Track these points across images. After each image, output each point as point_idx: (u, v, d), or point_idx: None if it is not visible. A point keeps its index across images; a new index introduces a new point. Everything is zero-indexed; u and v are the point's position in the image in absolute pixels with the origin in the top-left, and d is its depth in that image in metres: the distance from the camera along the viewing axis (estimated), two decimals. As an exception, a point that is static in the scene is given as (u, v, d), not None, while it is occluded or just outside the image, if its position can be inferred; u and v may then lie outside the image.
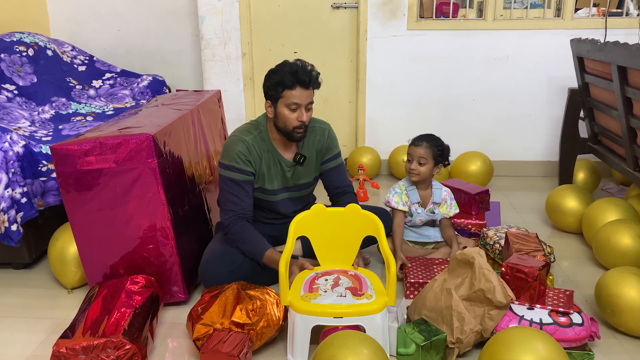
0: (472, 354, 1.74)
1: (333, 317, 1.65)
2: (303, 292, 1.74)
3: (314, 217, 1.90)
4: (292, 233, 1.83)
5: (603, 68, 2.58)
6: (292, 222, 1.86)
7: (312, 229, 1.91)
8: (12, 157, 2.17)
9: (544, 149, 3.65)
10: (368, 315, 1.65)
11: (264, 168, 2.12)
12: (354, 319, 1.65)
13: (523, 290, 1.73)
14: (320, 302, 1.68)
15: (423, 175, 2.28)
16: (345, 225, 1.90)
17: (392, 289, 1.68)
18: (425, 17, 3.51)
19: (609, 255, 2.20)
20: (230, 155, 2.06)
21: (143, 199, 1.90)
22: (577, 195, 2.64)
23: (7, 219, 2.14)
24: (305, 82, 1.99)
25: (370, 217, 1.87)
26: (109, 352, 1.57)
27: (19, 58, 3.00)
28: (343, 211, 1.90)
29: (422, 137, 2.29)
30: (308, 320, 1.66)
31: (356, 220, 1.89)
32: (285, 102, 2.01)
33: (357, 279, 1.82)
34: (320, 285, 1.77)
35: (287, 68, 2.00)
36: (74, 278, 2.18)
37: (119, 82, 3.43)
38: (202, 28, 3.52)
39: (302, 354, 1.68)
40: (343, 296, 1.70)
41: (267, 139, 2.13)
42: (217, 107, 2.88)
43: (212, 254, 2.07)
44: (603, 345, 1.79)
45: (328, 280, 1.80)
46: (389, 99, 3.59)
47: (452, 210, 2.35)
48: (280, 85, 1.99)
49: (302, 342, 1.67)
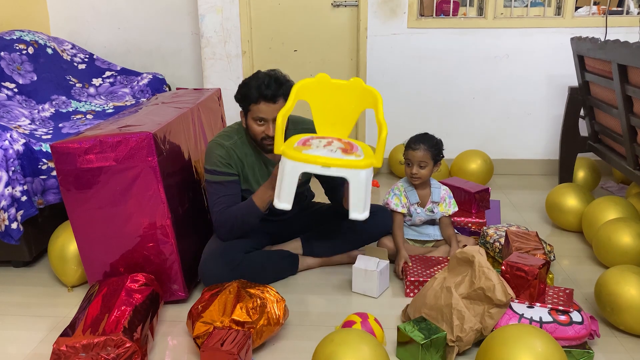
0: (472, 352, 1.74)
1: (321, 166, 1.69)
2: (296, 145, 1.77)
3: (316, 85, 1.90)
4: (294, 95, 1.83)
5: (603, 66, 2.58)
6: (295, 85, 1.86)
7: (313, 95, 1.90)
8: (12, 155, 2.17)
9: (544, 148, 3.64)
10: (354, 169, 1.70)
11: (248, 170, 2.13)
12: (340, 170, 1.70)
13: (523, 288, 1.73)
14: (310, 152, 1.72)
15: (425, 178, 2.29)
16: (346, 97, 1.90)
17: (380, 152, 1.73)
18: (425, 15, 3.51)
19: (608, 254, 2.20)
20: (211, 160, 2.07)
21: (143, 197, 1.90)
22: (577, 194, 2.64)
23: (7, 217, 2.14)
24: (268, 96, 1.97)
25: (371, 90, 1.87)
26: (109, 350, 1.57)
27: (19, 56, 3.00)
28: (346, 84, 1.90)
29: (418, 140, 2.28)
30: (297, 167, 1.71)
31: (357, 93, 1.89)
32: (252, 116, 2.02)
33: (350, 144, 1.83)
34: (314, 143, 1.80)
35: (254, 81, 1.99)
36: (74, 276, 2.18)
37: (119, 80, 3.43)
38: (202, 26, 3.51)
39: (288, 200, 1.74)
40: (333, 152, 1.74)
41: (248, 143, 2.13)
42: (217, 106, 2.88)
43: (211, 253, 2.07)
44: (603, 343, 1.79)
45: (322, 141, 1.82)
46: (389, 98, 3.59)
47: (451, 209, 2.35)
48: (246, 99, 2.00)
49: (289, 188, 1.73)
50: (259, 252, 2.19)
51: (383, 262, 2.10)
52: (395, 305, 2.03)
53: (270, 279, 2.17)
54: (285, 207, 1.75)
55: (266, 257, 2.18)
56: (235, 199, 2.09)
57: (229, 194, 2.07)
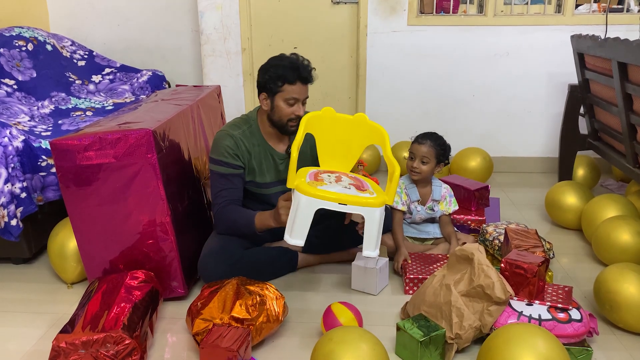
0: (471, 349, 1.74)
1: (338, 203, 1.71)
2: (308, 180, 1.79)
3: (323, 118, 1.97)
4: (303, 127, 1.91)
5: (603, 64, 2.57)
6: (304, 118, 1.95)
7: (320, 128, 1.98)
8: (11, 152, 2.16)
9: (544, 146, 3.64)
10: (369, 207, 1.73)
11: (254, 162, 2.13)
12: (356, 208, 1.73)
13: (522, 286, 1.74)
14: (326, 189, 1.73)
15: (425, 174, 2.28)
16: (351, 132, 1.98)
17: (392, 190, 1.82)
18: (425, 12, 3.50)
19: (608, 252, 2.20)
20: (218, 150, 2.08)
21: (142, 195, 1.90)
22: (576, 192, 2.64)
23: (7, 214, 2.14)
24: (305, 78, 2.02)
25: (377, 128, 1.96)
26: (109, 347, 1.58)
27: (19, 53, 2.99)
28: (351, 118, 1.99)
29: (425, 136, 2.28)
30: (313, 203, 1.70)
31: (363, 129, 1.97)
32: (284, 97, 2.03)
33: (359, 180, 1.90)
34: (325, 178, 1.83)
35: (286, 62, 2.01)
36: (74, 273, 2.18)
37: (118, 77, 3.42)
38: (201, 23, 3.51)
39: (301, 236, 1.72)
40: (347, 188, 1.77)
41: (257, 133, 2.14)
42: (217, 103, 2.88)
43: (210, 249, 2.07)
44: (602, 341, 1.80)
45: (331, 176, 1.87)
46: (389, 95, 3.59)
47: (452, 207, 2.35)
48: (280, 79, 2.00)
49: (304, 224, 1.71)
50: (258, 248, 2.19)
51: (382, 260, 2.10)
52: (394, 302, 2.03)
53: (270, 276, 2.17)
54: (298, 243, 1.74)
55: (265, 254, 2.18)
56: (237, 193, 2.11)
57: (231, 188, 2.09)
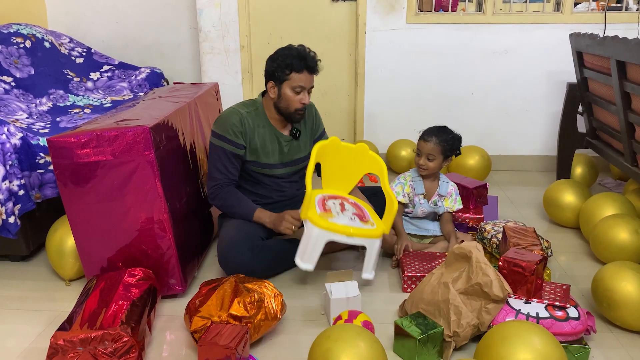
0: (469, 347, 1.75)
1: (347, 236, 1.96)
2: (319, 211, 2.00)
3: (329, 147, 2.19)
4: (314, 156, 2.12)
5: (602, 63, 2.57)
6: (315, 146, 2.14)
7: (325, 156, 2.20)
8: (9, 149, 2.16)
9: (542, 144, 3.65)
10: (371, 239, 2.02)
11: (257, 141, 2.17)
12: (361, 240, 2.00)
13: (520, 284, 1.74)
14: (336, 222, 1.97)
15: (432, 170, 2.31)
16: (353, 159, 2.22)
17: (389, 221, 2.10)
18: (424, 10, 3.50)
19: (606, 250, 2.21)
20: (223, 126, 2.13)
21: (140, 192, 1.89)
22: (574, 190, 2.64)
23: (5, 212, 2.14)
24: (312, 68, 2.10)
25: (376, 158, 2.22)
26: (107, 345, 1.57)
27: (17, 50, 2.98)
28: (354, 148, 2.24)
29: (431, 132, 2.29)
30: (325, 235, 1.94)
31: (363, 158, 2.23)
32: (291, 85, 2.10)
33: (358, 207, 2.14)
34: (332, 208, 2.05)
35: (294, 52, 2.08)
36: (72, 270, 2.18)
37: (116, 74, 3.42)
38: (200, 21, 3.50)
39: (312, 261, 1.97)
40: (353, 220, 2.03)
41: (263, 116, 2.19)
42: (215, 100, 2.87)
43: (231, 240, 2.07)
44: (599, 339, 1.80)
45: (335, 204, 2.09)
46: (387, 93, 3.58)
47: (456, 205, 2.36)
48: (288, 68, 2.07)
49: (315, 252, 1.96)
50: (274, 240, 2.23)
51: (351, 286, 1.93)
52: (392, 300, 2.03)
53: (290, 265, 2.14)
54: (308, 267, 1.97)
55: (280, 245, 2.22)
56: (235, 172, 2.18)
57: (230, 165, 2.15)
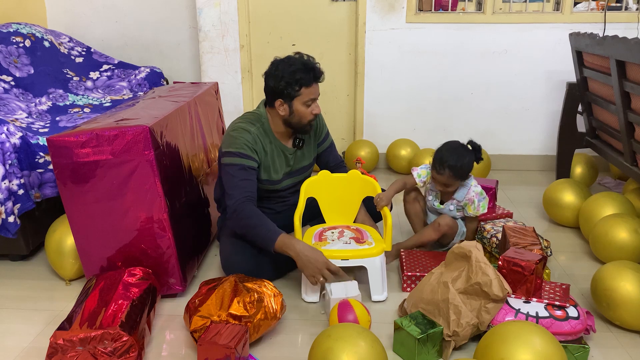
0: (468, 347, 1.75)
1: (341, 260, 1.93)
2: (314, 241, 2.01)
3: (320, 181, 2.20)
4: (303, 193, 2.13)
5: (602, 62, 2.57)
6: (303, 185, 2.15)
7: (319, 190, 2.21)
8: (9, 148, 2.16)
9: (542, 143, 3.65)
10: (369, 258, 1.96)
11: (269, 160, 2.13)
12: (358, 261, 1.95)
13: (519, 283, 1.74)
14: (329, 248, 1.96)
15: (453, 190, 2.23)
16: (347, 187, 2.21)
17: (388, 237, 2.04)
18: (424, 10, 3.50)
19: (605, 250, 2.21)
20: (237, 143, 2.04)
21: (140, 191, 1.89)
22: (574, 190, 2.64)
23: (4, 211, 2.14)
24: (319, 77, 2.05)
25: (369, 181, 2.20)
26: (106, 344, 1.57)
27: (16, 49, 2.98)
28: (345, 176, 2.23)
29: (443, 163, 2.12)
30: None
31: (357, 183, 2.21)
32: (302, 100, 2.03)
33: (359, 231, 2.10)
34: (328, 236, 2.06)
35: (299, 64, 2.00)
36: (72, 270, 2.18)
37: (116, 73, 3.42)
38: (200, 20, 3.50)
39: (314, 294, 1.99)
40: (348, 243, 2.00)
41: (269, 132, 2.14)
42: (215, 100, 2.87)
43: (233, 246, 2.06)
44: (598, 338, 1.80)
45: (334, 232, 2.09)
46: (387, 93, 3.58)
47: (480, 211, 2.24)
48: (297, 84, 1.99)
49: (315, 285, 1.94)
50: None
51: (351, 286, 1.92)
52: (392, 299, 2.03)
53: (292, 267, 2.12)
54: (313, 300, 2.00)
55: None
56: (254, 187, 2.06)
57: (249, 180, 2.04)
